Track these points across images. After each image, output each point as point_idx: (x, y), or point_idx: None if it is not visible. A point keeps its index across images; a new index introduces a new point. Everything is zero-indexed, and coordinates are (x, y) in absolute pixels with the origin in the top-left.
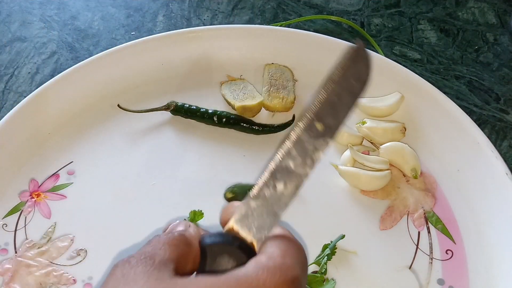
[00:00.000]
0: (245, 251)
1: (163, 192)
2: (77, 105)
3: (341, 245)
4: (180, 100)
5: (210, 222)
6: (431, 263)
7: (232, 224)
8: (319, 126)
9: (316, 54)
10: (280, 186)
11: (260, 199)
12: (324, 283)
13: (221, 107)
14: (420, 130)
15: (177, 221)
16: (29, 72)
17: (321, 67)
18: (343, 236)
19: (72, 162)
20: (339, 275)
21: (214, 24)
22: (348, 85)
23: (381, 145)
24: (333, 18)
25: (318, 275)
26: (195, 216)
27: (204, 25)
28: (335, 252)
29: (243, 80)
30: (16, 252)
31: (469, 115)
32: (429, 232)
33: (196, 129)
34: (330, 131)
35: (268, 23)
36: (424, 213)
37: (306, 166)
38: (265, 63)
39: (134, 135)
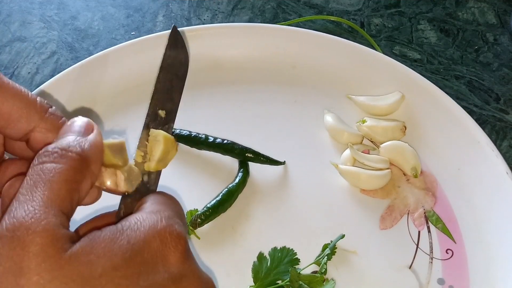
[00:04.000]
0: None
1: (162, 191)
2: (76, 105)
3: (341, 245)
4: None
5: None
6: (431, 262)
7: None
8: (161, 113)
9: (317, 53)
10: (145, 178)
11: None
12: (324, 283)
13: (219, 108)
14: (420, 129)
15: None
16: (29, 72)
17: (321, 65)
18: (343, 236)
19: None
20: (339, 275)
21: None
22: (174, 69)
23: (382, 144)
24: (333, 18)
25: (318, 275)
26: (192, 216)
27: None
28: (335, 252)
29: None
30: None
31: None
32: (429, 231)
33: None
34: (171, 115)
35: (268, 23)
36: (424, 212)
37: None
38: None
39: (134, 135)
